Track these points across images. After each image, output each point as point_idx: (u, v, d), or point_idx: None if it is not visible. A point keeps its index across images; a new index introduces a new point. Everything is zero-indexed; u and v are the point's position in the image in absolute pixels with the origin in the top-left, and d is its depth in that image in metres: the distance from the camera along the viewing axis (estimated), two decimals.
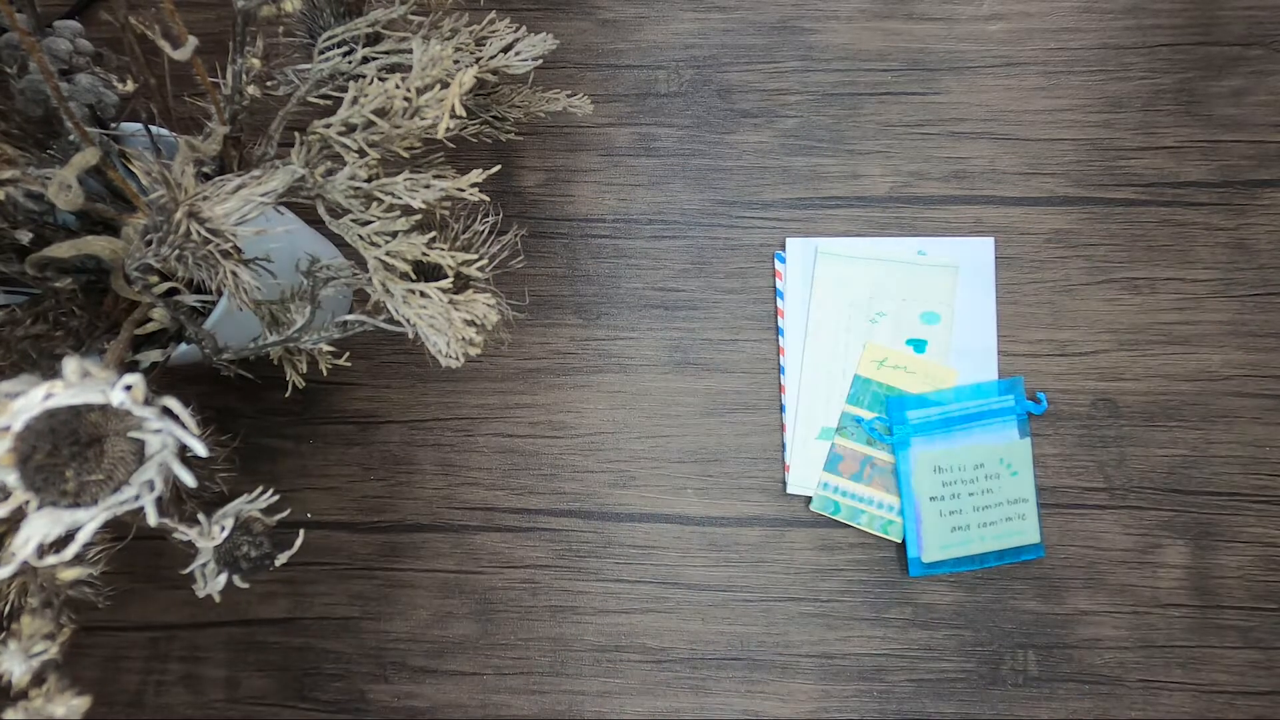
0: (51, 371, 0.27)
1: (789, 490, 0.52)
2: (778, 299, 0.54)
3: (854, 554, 0.52)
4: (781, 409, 0.53)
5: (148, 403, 0.25)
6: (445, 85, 0.37)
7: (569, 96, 0.49)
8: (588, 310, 0.55)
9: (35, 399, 0.23)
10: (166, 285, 0.36)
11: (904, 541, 0.51)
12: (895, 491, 0.51)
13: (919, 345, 0.53)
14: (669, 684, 0.51)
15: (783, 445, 0.53)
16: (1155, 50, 0.56)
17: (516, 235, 0.42)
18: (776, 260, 0.54)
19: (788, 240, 0.54)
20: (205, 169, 0.38)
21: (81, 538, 0.24)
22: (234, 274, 0.32)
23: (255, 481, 0.37)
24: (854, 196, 0.55)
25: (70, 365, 0.24)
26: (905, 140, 0.55)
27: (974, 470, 0.52)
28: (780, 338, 0.54)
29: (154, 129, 0.40)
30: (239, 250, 0.33)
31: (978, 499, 0.51)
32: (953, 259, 0.54)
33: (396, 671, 0.51)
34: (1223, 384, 0.52)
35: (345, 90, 0.37)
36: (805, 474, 0.52)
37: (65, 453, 0.24)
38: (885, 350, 0.52)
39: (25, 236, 0.36)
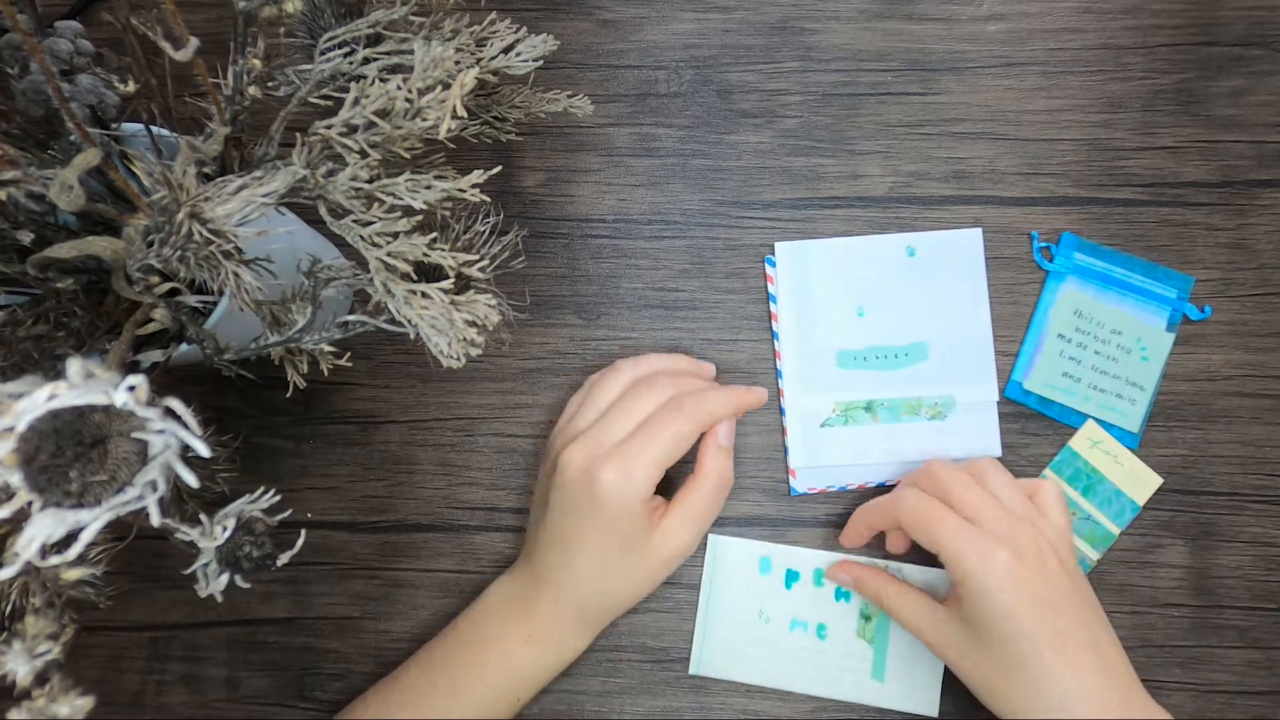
0: (53, 372, 0.27)
1: (795, 492, 0.53)
2: (771, 303, 0.54)
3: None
4: (781, 411, 0.53)
5: (151, 403, 0.25)
6: (447, 86, 0.37)
7: (569, 97, 0.50)
8: (588, 310, 0.55)
9: (39, 400, 0.23)
10: (168, 286, 0.36)
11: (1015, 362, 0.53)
12: None
13: (920, 349, 0.54)
14: (669, 684, 0.51)
15: (785, 448, 0.53)
16: (1155, 50, 0.56)
17: (517, 235, 0.42)
18: (767, 265, 0.54)
19: (776, 245, 0.54)
20: (206, 170, 0.38)
21: (85, 538, 0.24)
22: (235, 274, 0.32)
23: (256, 481, 0.37)
24: (854, 197, 0.55)
25: (74, 366, 0.24)
26: (905, 140, 0.55)
27: (1110, 334, 0.52)
28: (775, 341, 0.54)
29: (155, 129, 0.40)
30: (240, 251, 0.33)
31: (1101, 361, 0.52)
32: (941, 254, 0.54)
33: None
34: (1223, 384, 0.52)
35: (346, 91, 0.38)
36: (810, 475, 0.53)
37: (69, 454, 0.24)
38: (1103, 435, 0.52)
39: (26, 237, 0.36)
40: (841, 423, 0.53)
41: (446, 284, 0.37)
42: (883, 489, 0.52)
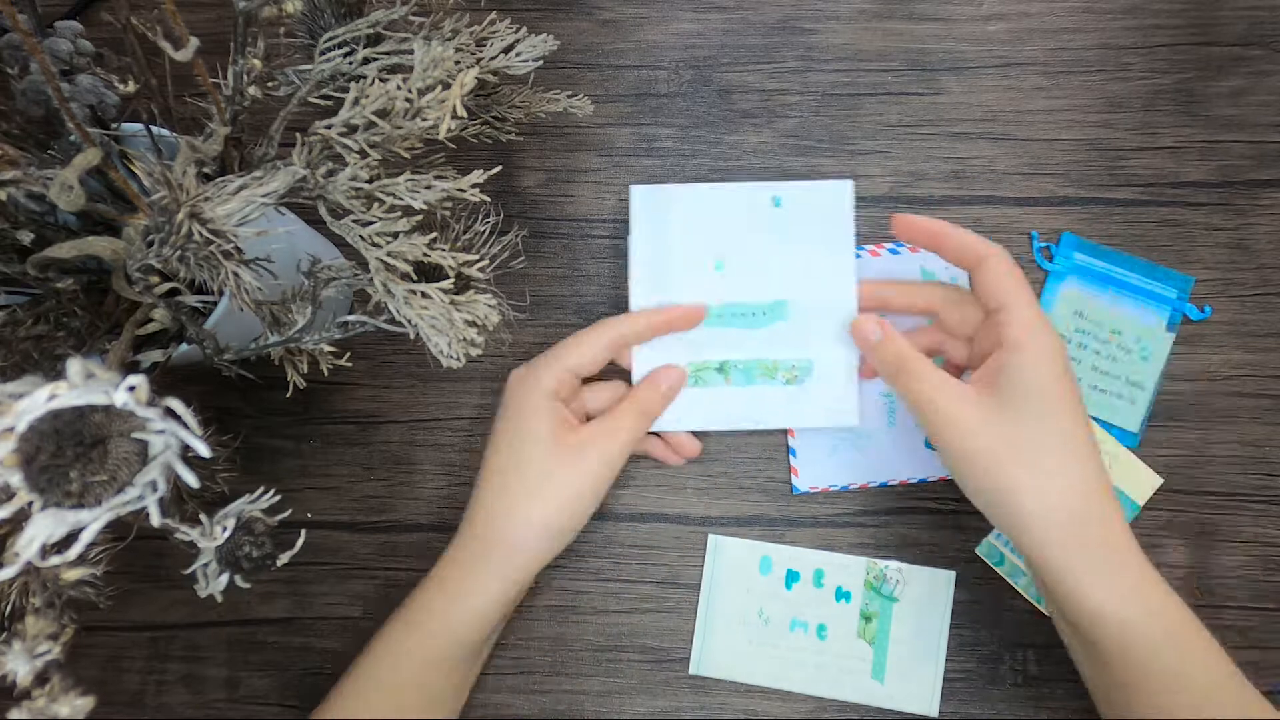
0: (53, 372, 0.27)
1: (796, 491, 0.53)
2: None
3: None
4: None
5: (151, 404, 0.25)
6: (446, 86, 0.37)
7: (569, 97, 0.50)
8: (588, 310, 0.55)
9: (39, 400, 0.23)
10: (168, 286, 0.36)
11: None
12: None
13: (780, 308, 0.50)
14: (669, 684, 0.51)
15: (790, 449, 0.53)
16: (1155, 50, 0.56)
17: (517, 235, 0.42)
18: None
19: (632, 188, 0.50)
20: (206, 170, 0.38)
21: (85, 538, 0.24)
22: (235, 275, 0.33)
23: (256, 481, 0.37)
24: (854, 196, 0.55)
25: (74, 366, 0.24)
26: (905, 140, 0.55)
27: (1110, 333, 0.52)
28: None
29: (155, 129, 0.40)
30: (240, 251, 0.33)
31: (1101, 361, 0.52)
32: (809, 206, 0.50)
33: None
34: (1223, 384, 0.52)
35: (346, 91, 0.38)
36: (812, 474, 0.52)
37: (69, 454, 0.24)
38: (1103, 435, 0.51)
39: (27, 237, 0.36)
40: (692, 383, 0.50)
41: (446, 284, 0.37)
42: (885, 489, 0.52)
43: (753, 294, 0.50)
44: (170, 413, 0.26)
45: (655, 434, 0.51)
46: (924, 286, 0.48)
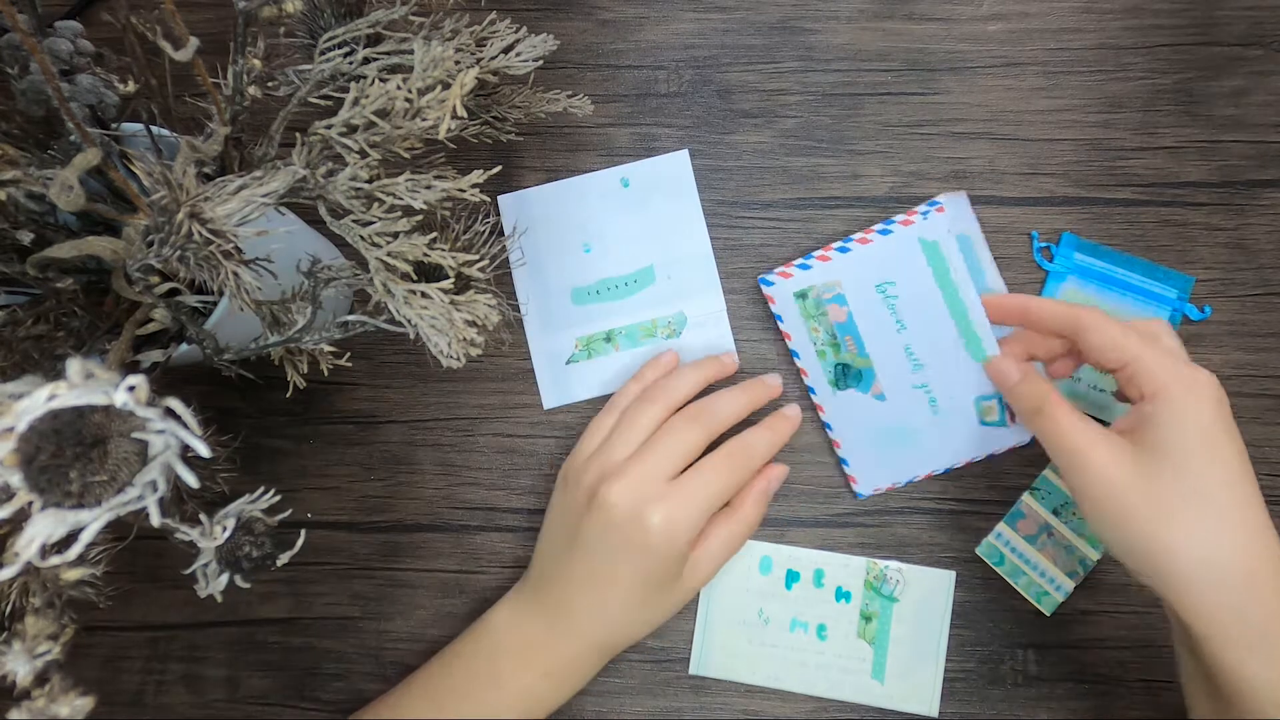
0: (53, 372, 0.27)
1: (860, 495, 0.53)
2: (778, 321, 0.53)
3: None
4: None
5: (151, 404, 0.25)
6: (446, 86, 0.37)
7: (569, 97, 0.50)
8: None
9: (39, 400, 0.23)
10: (167, 286, 0.36)
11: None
12: (1063, 566, 0.50)
13: (647, 274, 0.55)
14: (669, 684, 0.51)
15: (841, 459, 0.53)
16: (1155, 50, 0.56)
17: (517, 235, 0.42)
18: (762, 284, 0.53)
19: (499, 198, 0.56)
20: (206, 170, 0.38)
21: (85, 538, 0.24)
22: (235, 275, 0.32)
23: (256, 481, 0.37)
24: (854, 196, 0.55)
25: (74, 366, 0.24)
26: (905, 140, 0.55)
27: None
28: (797, 359, 0.53)
29: (155, 129, 0.40)
30: (240, 251, 0.33)
31: None
32: (653, 180, 0.56)
33: (397, 671, 0.51)
34: (1223, 384, 0.52)
35: (346, 91, 0.38)
36: (872, 476, 0.52)
37: (69, 454, 0.24)
38: None
39: (26, 237, 0.36)
40: (585, 356, 0.54)
41: (446, 284, 0.37)
42: (943, 474, 0.52)
43: (621, 267, 0.55)
44: (170, 413, 0.26)
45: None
46: (1064, 306, 0.44)
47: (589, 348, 0.54)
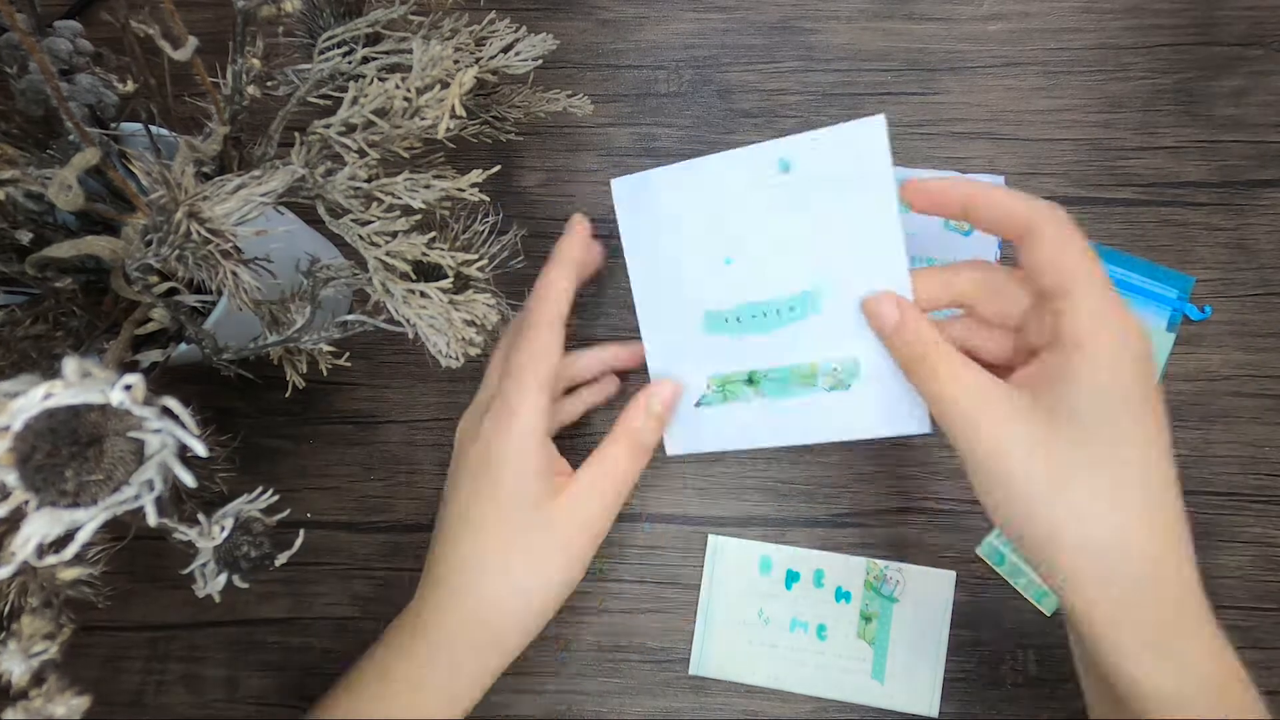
0: (51, 371, 0.27)
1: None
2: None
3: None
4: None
5: (148, 403, 0.25)
6: (445, 85, 0.37)
7: (569, 97, 0.50)
8: (587, 310, 0.55)
9: (35, 399, 0.23)
10: (166, 285, 0.36)
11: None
12: None
13: (809, 300, 0.41)
14: (669, 684, 0.51)
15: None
16: (1155, 50, 0.56)
17: (516, 235, 0.42)
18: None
19: (613, 181, 0.44)
20: (205, 169, 0.38)
21: (81, 538, 0.24)
22: (234, 274, 0.32)
23: (255, 481, 0.37)
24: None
25: (70, 365, 0.24)
26: (905, 140, 0.55)
27: None
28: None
29: (154, 129, 0.40)
30: (239, 250, 0.33)
31: None
32: (829, 161, 0.39)
33: None
34: (1223, 384, 0.52)
35: (345, 90, 0.38)
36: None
37: (65, 453, 0.24)
38: None
39: (25, 236, 0.36)
40: (719, 400, 0.43)
41: (445, 283, 0.37)
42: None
43: (773, 288, 0.41)
44: (167, 412, 0.26)
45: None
46: (951, 271, 0.38)
47: (724, 389, 0.43)
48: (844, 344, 0.40)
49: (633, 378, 0.53)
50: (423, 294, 0.37)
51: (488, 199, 0.39)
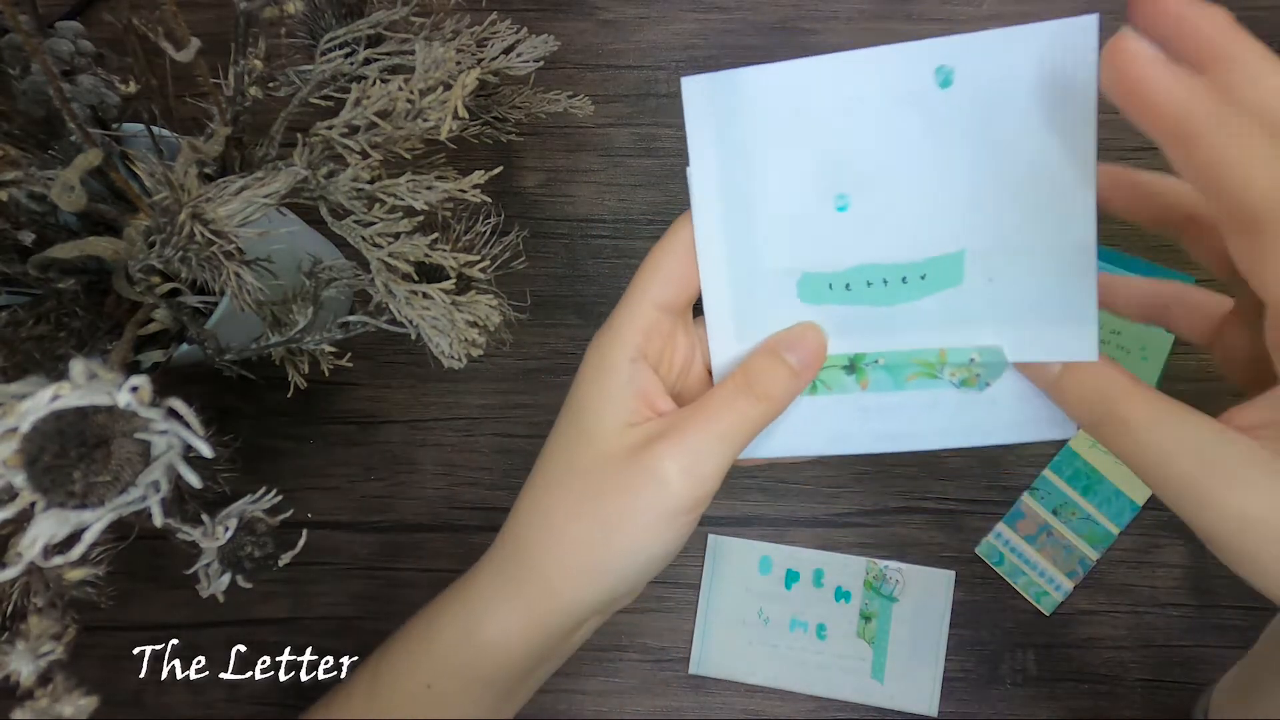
0: (54, 372, 0.27)
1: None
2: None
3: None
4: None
5: (154, 404, 0.25)
6: (448, 87, 0.37)
7: (569, 97, 0.50)
8: (588, 310, 0.55)
9: (43, 400, 0.23)
10: (169, 286, 0.36)
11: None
12: (1062, 566, 0.49)
13: (950, 266, 0.29)
14: (669, 684, 0.51)
15: None
16: None
17: (518, 236, 0.42)
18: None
19: (684, 81, 0.29)
20: (207, 170, 0.38)
21: (88, 538, 0.24)
22: (237, 275, 0.33)
23: (257, 481, 0.37)
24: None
25: (77, 367, 0.24)
26: None
27: (1110, 334, 0.50)
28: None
29: (156, 130, 0.40)
30: (242, 251, 0.33)
31: None
32: (1008, 75, 0.27)
33: None
34: (1223, 384, 0.52)
35: (347, 92, 0.38)
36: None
37: (72, 454, 0.24)
38: None
39: (28, 237, 0.36)
40: (807, 392, 0.32)
41: (448, 284, 0.37)
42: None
43: (905, 247, 0.29)
44: (173, 413, 0.26)
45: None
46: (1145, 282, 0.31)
47: (816, 378, 0.32)
48: (990, 327, 0.29)
49: None
50: (425, 295, 0.37)
51: (489, 200, 0.39)
